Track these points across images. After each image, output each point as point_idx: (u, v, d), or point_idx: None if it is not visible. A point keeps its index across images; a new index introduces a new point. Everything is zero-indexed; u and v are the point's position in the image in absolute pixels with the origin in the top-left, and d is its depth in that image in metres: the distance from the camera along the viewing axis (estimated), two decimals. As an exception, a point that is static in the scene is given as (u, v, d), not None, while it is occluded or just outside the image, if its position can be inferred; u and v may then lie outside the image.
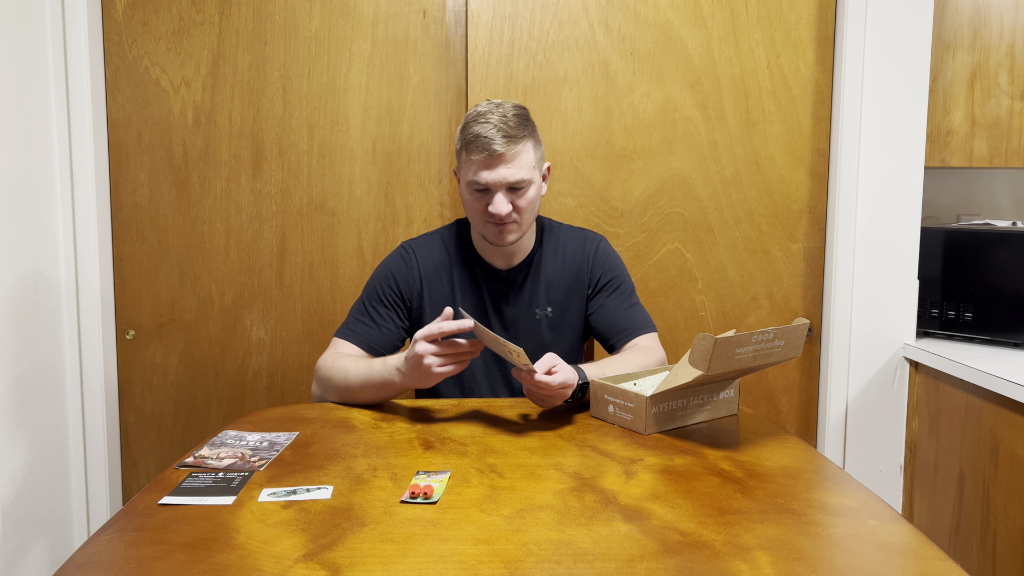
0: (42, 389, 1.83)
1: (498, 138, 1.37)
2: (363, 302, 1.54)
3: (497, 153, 1.38)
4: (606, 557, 0.83)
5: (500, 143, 1.37)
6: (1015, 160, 1.97)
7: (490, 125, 1.38)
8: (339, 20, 1.99)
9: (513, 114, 1.41)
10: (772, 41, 2.00)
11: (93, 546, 0.86)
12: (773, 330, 1.20)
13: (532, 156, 1.43)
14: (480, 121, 1.40)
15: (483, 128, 1.38)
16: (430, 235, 1.60)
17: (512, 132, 1.39)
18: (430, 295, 1.53)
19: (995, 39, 1.96)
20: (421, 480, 1.04)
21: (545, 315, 1.55)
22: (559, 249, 1.58)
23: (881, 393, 2.04)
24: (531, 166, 1.42)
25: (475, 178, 1.40)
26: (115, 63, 1.96)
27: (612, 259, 1.60)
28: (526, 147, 1.41)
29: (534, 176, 1.44)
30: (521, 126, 1.41)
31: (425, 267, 1.54)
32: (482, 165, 1.39)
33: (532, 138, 1.44)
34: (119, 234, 2.01)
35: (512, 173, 1.39)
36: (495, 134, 1.37)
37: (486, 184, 1.40)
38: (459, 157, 1.46)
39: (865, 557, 0.84)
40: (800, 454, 1.17)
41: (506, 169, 1.39)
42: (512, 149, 1.39)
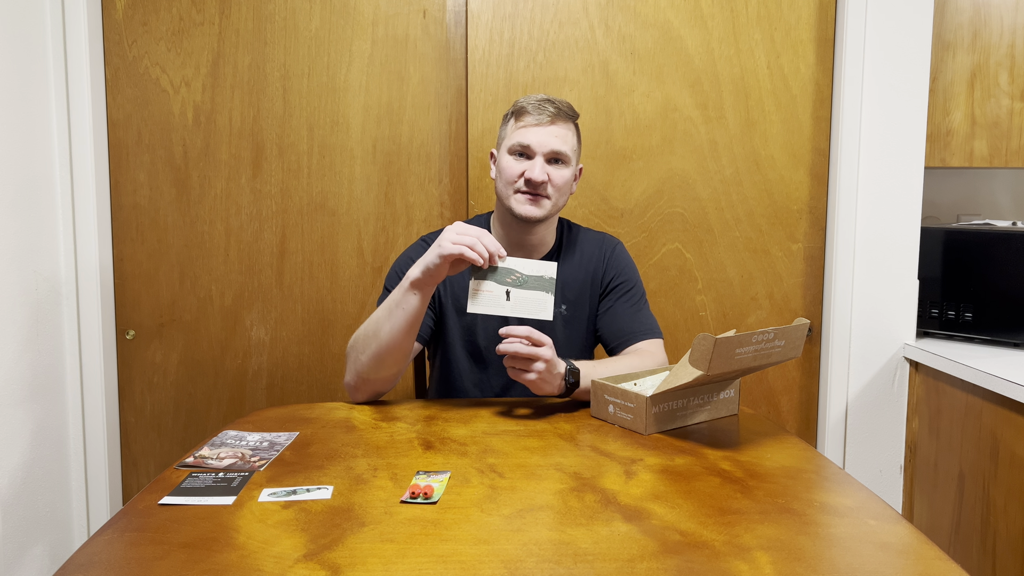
0: (42, 389, 1.83)
1: (549, 107, 1.47)
2: (387, 290, 1.54)
3: (547, 120, 1.46)
4: (606, 557, 0.83)
5: (550, 111, 1.47)
6: (1015, 160, 1.97)
7: (544, 98, 1.48)
8: (339, 20, 1.99)
9: (563, 102, 1.51)
10: (772, 41, 2.00)
11: (93, 546, 0.86)
12: (773, 330, 1.20)
13: (575, 140, 1.52)
14: (532, 98, 1.50)
15: (536, 99, 1.48)
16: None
17: (563, 109, 1.49)
18: (451, 286, 1.55)
19: (995, 39, 1.96)
20: (421, 480, 1.04)
21: (560, 312, 1.56)
22: (577, 249, 1.60)
23: (881, 393, 2.04)
24: (573, 147, 1.51)
25: (520, 139, 1.47)
26: (115, 63, 1.96)
27: (626, 263, 1.61)
28: (572, 128, 1.51)
29: (573, 159, 1.51)
30: (571, 110, 1.51)
31: None
32: (532, 125, 1.47)
33: (576, 128, 1.54)
34: (119, 234, 2.01)
35: (557, 142, 1.47)
36: (547, 104, 1.48)
37: (529, 145, 1.46)
38: (504, 129, 1.53)
39: (865, 557, 0.84)
40: (800, 454, 1.17)
41: (553, 136, 1.47)
42: (561, 122, 1.48)
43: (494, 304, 1.33)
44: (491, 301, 1.33)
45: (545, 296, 1.34)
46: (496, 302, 1.33)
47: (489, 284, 1.33)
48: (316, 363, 2.07)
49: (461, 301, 1.54)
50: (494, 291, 1.34)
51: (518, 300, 1.34)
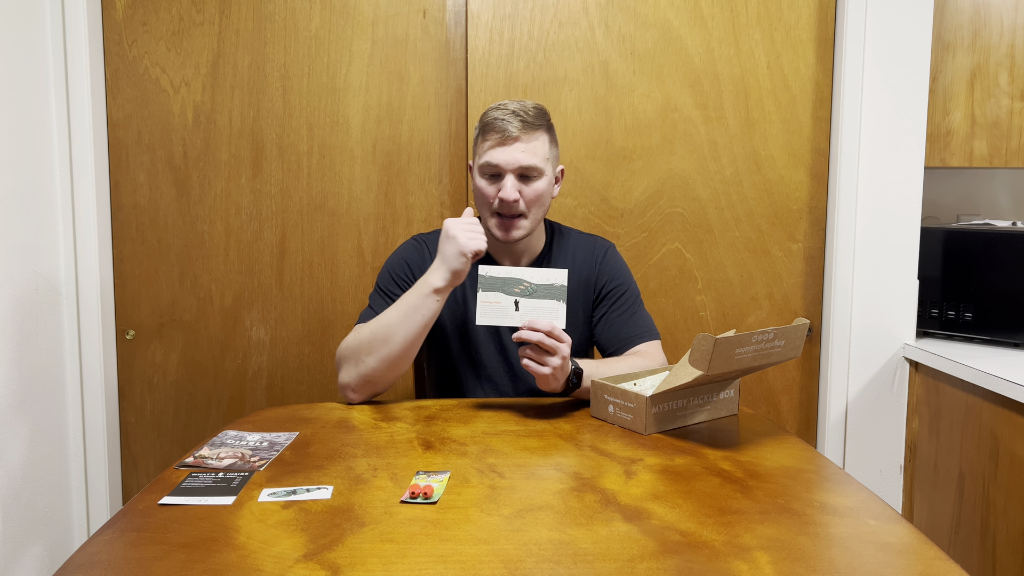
0: (42, 389, 1.83)
1: (514, 121, 1.41)
2: (380, 290, 1.54)
3: (512, 135, 1.41)
4: (606, 557, 0.83)
5: (516, 126, 1.41)
6: (1015, 160, 1.97)
7: (508, 111, 1.42)
8: (339, 20, 1.99)
9: (533, 107, 1.45)
10: (772, 41, 2.00)
11: (93, 546, 0.86)
12: (773, 330, 1.20)
13: (547, 148, 1.46)
14: (499, 108, 1.44)
15: (500, 113, 1.42)
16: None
17: (529, 120, 1.42)
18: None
19: (995, 39, 1.96)
20: (421, 480, 1.04)
21: None
22: (569, 253, 1.58)
23: (881, 393, 2.04)
24: (544, 157, 1.45)
25: (488, 159, 1.43)
26: (115, 63, 1.96)
27: (619, 266, 1.60)
28: (541, 137, 1.44)
29: (546, 168, 1.46)
30: (539, 116, 1.44)
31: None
32: (496, 144, 1.42)
33: (548, 133, 1.47)
34: (119, 234, 2.01)
35: (525, 157, 1.41)
36: (512, 118, 1.41)
37: (498, 165, 1.42)
38: (475, 147, 1.48)
39: (865, 557, 0.84)
40: (800, 454, 1.17)
41: (519, 152, 1.41)
42: (528, 134, 1.42)
43: (503, 316, 1.32)
44: (500, 313, 1.32)
45: (556, 304, 1.33)
46: (505, 313, 1.32)
47: (497, 296, 1.32)
48: (316, 363, 2.07)
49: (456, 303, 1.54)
50: (502, 302, 1.33)
51: (528, 310, 1.32)
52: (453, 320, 1.55)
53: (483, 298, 1.33)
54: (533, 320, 1.30)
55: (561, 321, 1.32)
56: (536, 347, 1.30)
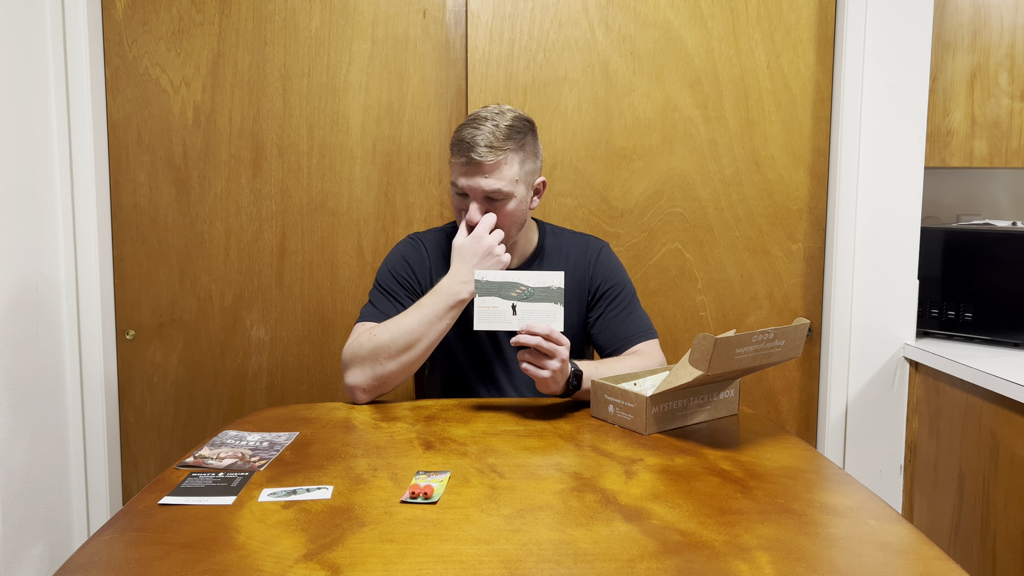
0: (42, 389, 1.83)
1: (480, 146, 1.37)
2: (381, 288, 1.54)
3: (475, 161, 1.38)
4: (606, 557, 0.83)
5: (480, 152, 1.37)
6: (1015, 160, 1.97)
7: (477, 132, 1.38)
8: (339, 20, 1.99)
9: (507, 124, 1.40)
10: (772, 41, 2.00)
11: (93, 546, 0.86)
12: (773, 330, 1.20)
13: (516, 169, 1.42)
14: (471, 125, 1.40)
15: (469, 133, 1.39)
16: (437, 230, 1.62)
17: (496, 143, 1.38)
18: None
19: (995, 39, 1.96)
20: (421, 480, 1.04)
21: None
22: (561, 254, 1.57)
23: (881, 393, 2.04)
24: (512, 179, 1.41)
25: (454, 180, 1.43)
26: (115, 63, 1.96)
27: (613, 266, 1.59)
28: (509, 159, 1.40)
29: (515, 190, 1.42)
30: (509, 138, 1.39)
31: (435, 258, 1.55)
32: (460, 170, 1.41)
33: (520, 151, 1.42)
34: (119, 234, 2.01)
35: (488, 183, 1.39)
36: (478, 141, 1.37)
37: (462, 189, 1.42)
38: (451, 154, 1.47)
39: (865, 557, 0.84)
40: (800, 454, 1.17)
41: (482, 179, 1.39)
42: (493, 159, 1.38)
43: (501, 320, 1.32)
44: (497, 317, 1.32)
45: (554, 307, 1.32)
46: (503, 317, 1.32)
47: (494, 300, 1.32)
48: (316, 363, 2.07)
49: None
50: (499, 307, 1.32)
51: (525, 314, 1.32)
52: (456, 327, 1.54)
53: (480, 303, 1.32)
54: (531, 324, 1.29)
55: (559, 324, 1.32)
56: (534, 351, 1.30)
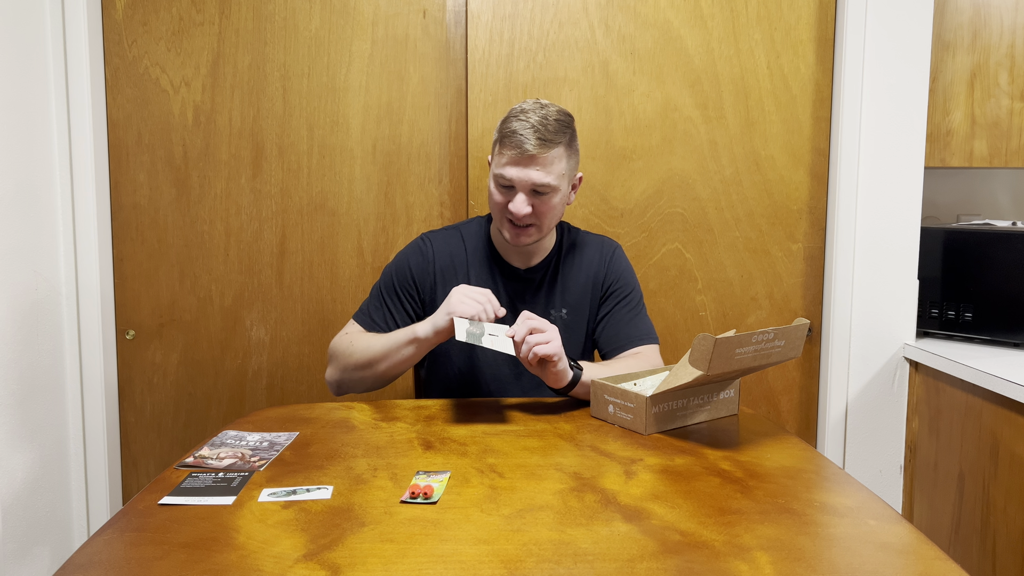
0: (42, 389, 1.83)
1: (533, 138, 1.37)
2: (380, 290, 1.56)
3: (529, 153, 1.38)
4: (606, 557, 0.83)
5: (533, 143, 1.37)
6: (1015, 160, 1.97)
7: (528, 124, 1.38)
8: (339, 20, 1.99)
9: (555, 118, 1.41)
10: (772, 41, 2.00)
11: (93, 546, 0.86)
12: (773, 330, 1.20)
13: (564, 164, 1.43)
14: (520, 118, 1.40)
15: (521, 125, 1.38)
16: (450, 228, 1.62)
17: (548, 136, 1.38)
18: (444, 288, 1.53)
19: (995, 39, 1.96)
20: (421, 480, 1.04)
21: (560, 317, 1.56)
22: (577, 253, 1.59)
23: (881, 393, 2.04)
24: (560, 173, 1.42)
25: (502, 172, 1.41)
26: (115, 63, 1.96)
27: (625, 268, 1.61)
28: (559, 153, 1.41)
29: (561, 184, 1.44)
30: (559, 132, 1.41)
31: (441, 259, 1.55)
32: (512, 161, 1.40)
33: (569, 147, 1.44)
34: (119, 234, 2.01)
35: (540, 176, 1.40)
36: (531, 134, 1.37)
37: (511, 181, 1.40)
38: (494, 148, 1.46)
39: (865, 557, 0.84)
40: (800, 454, 1.17)
41: (535, 171, 1.39)
42: (545, 152, 1.39)
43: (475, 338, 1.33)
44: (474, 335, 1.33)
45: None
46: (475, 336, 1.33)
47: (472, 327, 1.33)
48: (316, 363, 2.07)
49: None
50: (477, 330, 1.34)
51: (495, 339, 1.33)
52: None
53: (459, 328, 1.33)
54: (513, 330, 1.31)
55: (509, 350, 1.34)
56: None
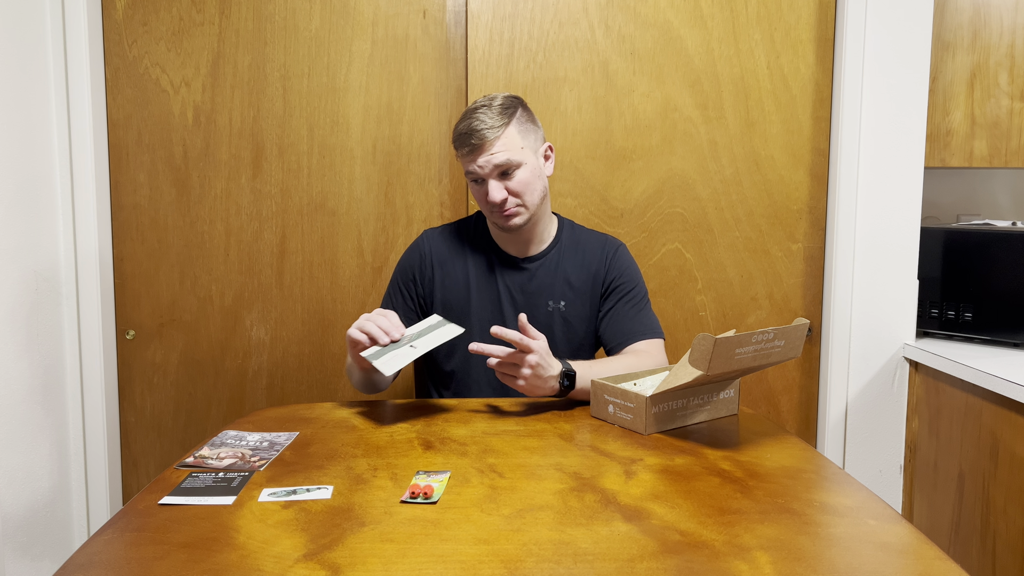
0: (42, 389, 1.83)
1: (478, 130, 1.44)
2: (389, 289, 1.65)
3: (478, 143, 1.44)
4: (606, 557, 0.83)
5: (479, 135, 1.44)
6: (1015, 160, 1.97)
7: (472, 120, 1.45)
8: (339, 20, 1.99)
9: (498, 104, 1.47)
10: (772, 41, 2.00)
11: (93, 546, 0.86)
12: (773, 330, 1.20)
13: (517, 138, 1.47)
14: (466, 117, 1.47)
15: (465, 124, 1.46)
16: (451, 224, 1.67)
17: (491, 122, 1.44)
18: (442, 280, 1.58)
19: (995, 39, 1.96)
20: (421, 480, 1.04)
21: (558, 308, 1.57)
22: (579, 247, 1.61)
23: (881, 393, 2.04)
24: (517, 147, 1.46)
25: (468, 169, 1.49)
26: (115, 63, 1.96)
27: (628, 264, 1.62)
28: (507, 131, 1.46)
29: (524, 157, 1.47)
30: (502, 114, 1.46)
31: (438, 253, 1.60)
32: (467, 158, 1.47)
33: (516, 121, 1.48)
34: (119, 234, 2.01)
35: (494, 157, 1.45)
36: (476, 125, 1.44)
37: (476, 173, 1.47)
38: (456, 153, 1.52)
39: (865, 557, 0.84)
40: (800, 454, 1.17)
41: (487, 155, 1.45)
42: (492, 136, 1.44)
43: (404, 357, 1.31)
44: (401, 357, 1.32)
45: (448, 327, 1.39)
46: (406, 355, 1.32)
47: (390, 348, 1.33)
48: (316, 363, 2.07)
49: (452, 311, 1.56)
50: (398, 349, 1.33)
51: (424, 342, 1.35)
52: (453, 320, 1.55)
53: (375, 354, 1.32)
54: (498, 330, 1.31)
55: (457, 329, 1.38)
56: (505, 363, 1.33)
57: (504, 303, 1.56)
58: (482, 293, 1.56)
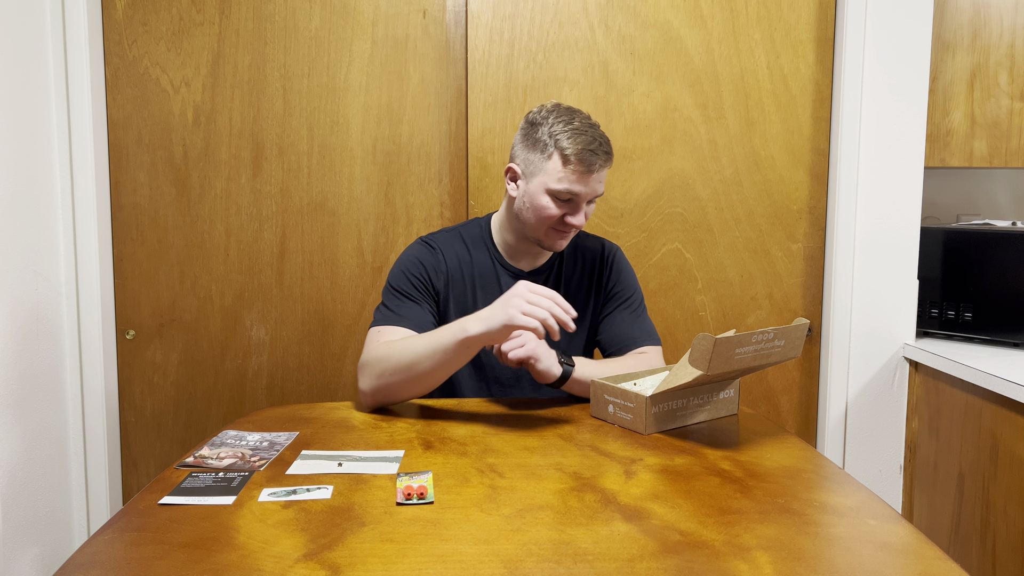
0: (42, 389, 1.83)
1: (601, 155, 1.41)
2: (395, 291, 1.49)
3: (592, 168, 1.41)
4: (606, 557, 0.83)
5: (601, 161, 1.41)
6: (1015, 160, 1.97)
7: (595, 144, 1.40)
8: (339, 20, 1.99)
9: (604, 134, 1.45)
10: (772, 41, 2.00)
11: (93, 546, 0.86)
12: (773, 330, 1.20)
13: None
14: (583, 137, 1.40)
15: (588, 144, 1.40)
16: (448, 232, 1.58)
17: (608, 150, 1.43)
18: (453, 291, 1.51)
19: (995, 39, 1.96)
20: (414, 482, 1.04)
21: None
22: (579, 254, 1.59)
23: (881, 393, 2.04)
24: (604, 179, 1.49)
25: (568, 187, 1.40)
26: (115, 63, 1.96)
27: (626, 271, 1.61)
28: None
29: None
30: (610, 144, 1.46)
31: (451, 262, 1.52)
32: (580, 178, 1.40)
33: None
34: (119, 234, 2.01)
35: (600, 187, 1.45)
36: (599, 152, 1.41)
37: (577, 195, 1.41)
38: (540, 160, 1.42)
39: (865, 557, 0.84)
40: (800, 454, 1.17)
41: (596, 183, 1.43)
42: (606, 165, 1.44)
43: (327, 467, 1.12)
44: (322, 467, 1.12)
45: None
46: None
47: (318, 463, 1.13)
48: (316, 363, 2.07)
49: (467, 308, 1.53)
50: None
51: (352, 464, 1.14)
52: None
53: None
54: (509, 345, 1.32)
55: None
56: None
57: None
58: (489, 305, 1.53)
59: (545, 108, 1.46)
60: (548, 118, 1.43)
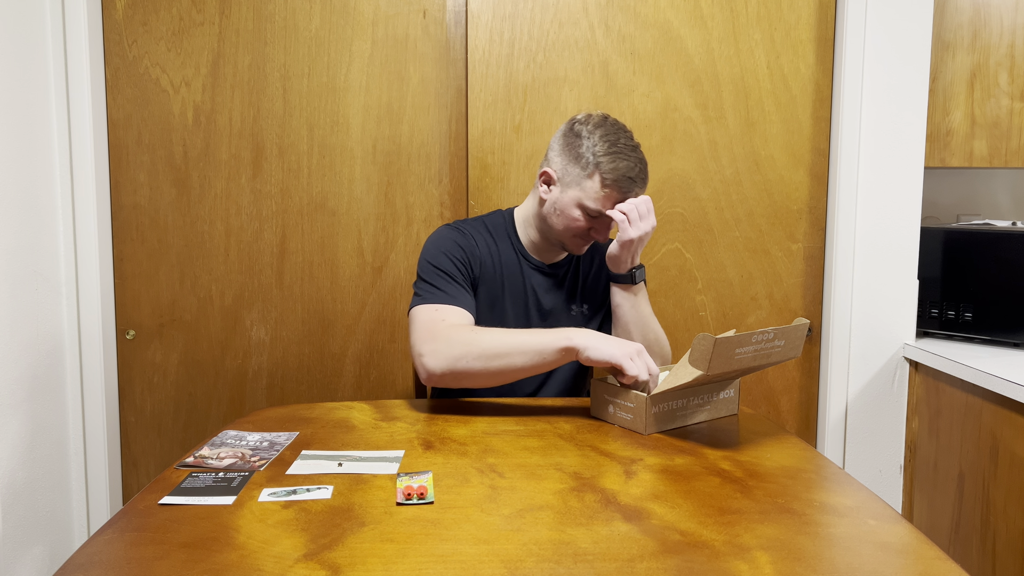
0: (42, 389, 1.83)
1: (639, 182, 1.45)
2: (442, 271, 1.46)
3: (631, 191, 1.45)
4: (606, 557, 0.83)
5: (640, 187, 1.45)
6: (1015, 160, 1.97)
7: (633, 166, 1.43)
8: (339, 20, 1.99)
9: (641, 150, 1.47)
10: (772, 41, 2.00)
11: (93, 546, 0.86)
12: (773, 330, 1.20)
13: None
14: (623, 157, 1.42)
15: (628, 169, 1.43)
16: (475, 221, 1.59)
17: (645, 175, 1.46)
18: (484, 278, 1.53)
19: (995, 39, 1.96)
20: (408, 481, 1.04)
21: (581, 312, 1.59)
22: (595, 251, 1.63)
23: (881, 393, 2.04)
24: None
25: (601, 208, 1.44)
26: (115, 63, 1.96)
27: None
28: None
29: None
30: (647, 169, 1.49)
31: (481, 249, 1.54)
32: (616, 199, 1.45)
33: None
34: (119, 234, 2.01)
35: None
36: (638, 177, 1.44)
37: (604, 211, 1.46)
38: (580, 177, 1.44)
39: (865, 557, 0.84)
40: (800, 454, 1.17)
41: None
42: (643, 189, 1.47)
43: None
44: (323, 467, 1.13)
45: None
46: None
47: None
48: (316, 363, 2.07)
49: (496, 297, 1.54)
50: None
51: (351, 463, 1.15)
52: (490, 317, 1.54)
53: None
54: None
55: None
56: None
57: (531, 308, 1.56)
58: (515, 299, 1.54)
59: (592, 121, 1.46)
60: (594, 134, 1.44)
